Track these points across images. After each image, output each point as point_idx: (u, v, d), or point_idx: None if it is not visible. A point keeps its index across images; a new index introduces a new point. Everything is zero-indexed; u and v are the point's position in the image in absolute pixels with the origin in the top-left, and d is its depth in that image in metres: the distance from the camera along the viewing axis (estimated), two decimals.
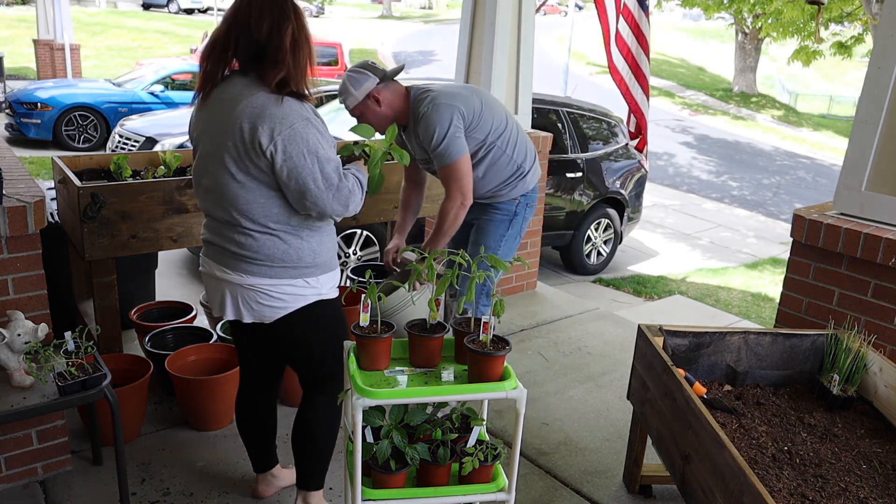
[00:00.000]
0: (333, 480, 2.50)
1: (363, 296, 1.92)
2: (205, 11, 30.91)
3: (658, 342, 2.40)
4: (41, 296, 2.36)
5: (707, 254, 8.83)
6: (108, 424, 2.44)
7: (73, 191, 2.87)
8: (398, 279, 2.71)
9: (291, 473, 2.54)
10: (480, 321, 1.88)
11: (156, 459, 2.71)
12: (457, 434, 1.96)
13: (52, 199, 3.45)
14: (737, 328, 2.57)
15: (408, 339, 1.94)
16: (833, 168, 16.02)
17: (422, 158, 2.89)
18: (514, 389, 1.81)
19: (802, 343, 2.51)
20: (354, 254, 5.07)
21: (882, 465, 2.07)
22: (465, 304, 1.97)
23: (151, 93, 10.38)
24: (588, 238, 6.63)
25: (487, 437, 1.94)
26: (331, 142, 1.98)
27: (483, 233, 3.02)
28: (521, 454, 2.87)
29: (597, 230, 6.68)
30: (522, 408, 1.83)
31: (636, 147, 6.76)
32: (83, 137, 9.98)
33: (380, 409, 1.90)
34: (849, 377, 2.39)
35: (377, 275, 3.48)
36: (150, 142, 7.61)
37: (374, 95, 2.65)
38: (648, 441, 2.52)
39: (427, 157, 2.81)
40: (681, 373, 2.19)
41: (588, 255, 6.73)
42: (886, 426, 2.28)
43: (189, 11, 31.18)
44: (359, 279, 3.70)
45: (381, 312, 2.02)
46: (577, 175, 6.20)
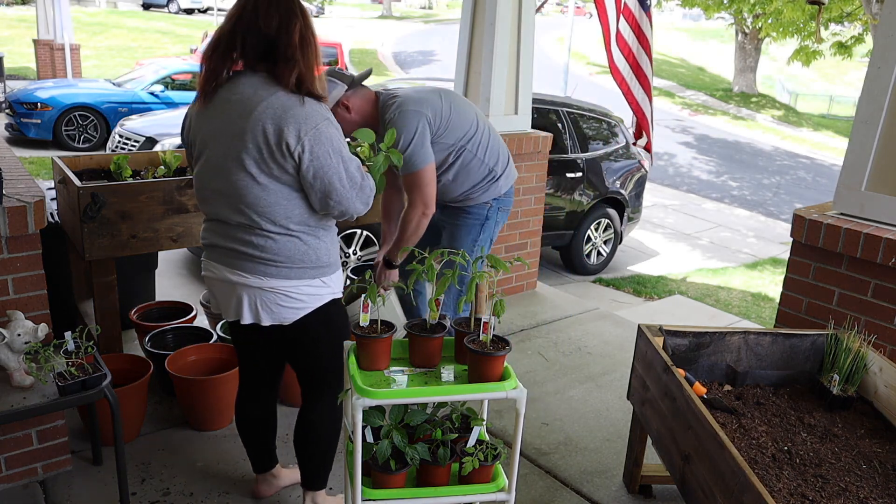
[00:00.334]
0: (333, 480, 2.50)
1: (363, 296, 1.92)
2: (205, 11, 30.93)
3: (658, 342, 2.40)
4: (41, 296, 2.36)
5: (707, 254, 8.83)
6: (108, 424, 2.44)
7: (73, 191, 2.87)
8: (359, 289, 2.68)
9: (291, 473, 2.54)
10: (481, 321, 1.88)
11: (156, 459, 2.71)
12: (457, 434, 1.96)
13: (52, 199, 3.45)
14: (737, 328, 2.57)
15: (408, 339, 1.94)
16: (833, 168, 16.02)
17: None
18: (514, 389, 1.81)
19: (802, 343, 2.51)
20: (354, 254, 5.07)
21: (882, 465, 2.07)
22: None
23: (151, 93, 10.37)
24: (588, 238, 6.63)
25: (487, 437, 1.95)
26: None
27: (455, 237, 2.97)
28: (521, 454, 2.87)
29: (597, 230, 6.68)
30: (522, 408, 1.83)
31: (644, 147, 6.73)
32: (83, 137, 9.98)
33: (380, 409, 1.90)
34: (849, 377, 2.39)
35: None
36: (150, 142, 7.62)
37: (344, 103, 2.59)
38: (648, 441, 2.52)
39: None
40: (681, 373, 2.19)
41: (588, 255, 6.73)
42: (886, 426, 2.28)
43: (189, 11, 31.19)
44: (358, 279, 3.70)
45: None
46: (577, 175, 6.20)
